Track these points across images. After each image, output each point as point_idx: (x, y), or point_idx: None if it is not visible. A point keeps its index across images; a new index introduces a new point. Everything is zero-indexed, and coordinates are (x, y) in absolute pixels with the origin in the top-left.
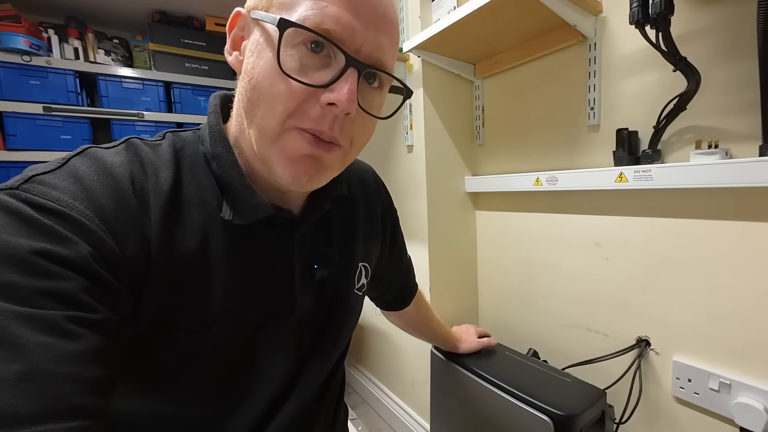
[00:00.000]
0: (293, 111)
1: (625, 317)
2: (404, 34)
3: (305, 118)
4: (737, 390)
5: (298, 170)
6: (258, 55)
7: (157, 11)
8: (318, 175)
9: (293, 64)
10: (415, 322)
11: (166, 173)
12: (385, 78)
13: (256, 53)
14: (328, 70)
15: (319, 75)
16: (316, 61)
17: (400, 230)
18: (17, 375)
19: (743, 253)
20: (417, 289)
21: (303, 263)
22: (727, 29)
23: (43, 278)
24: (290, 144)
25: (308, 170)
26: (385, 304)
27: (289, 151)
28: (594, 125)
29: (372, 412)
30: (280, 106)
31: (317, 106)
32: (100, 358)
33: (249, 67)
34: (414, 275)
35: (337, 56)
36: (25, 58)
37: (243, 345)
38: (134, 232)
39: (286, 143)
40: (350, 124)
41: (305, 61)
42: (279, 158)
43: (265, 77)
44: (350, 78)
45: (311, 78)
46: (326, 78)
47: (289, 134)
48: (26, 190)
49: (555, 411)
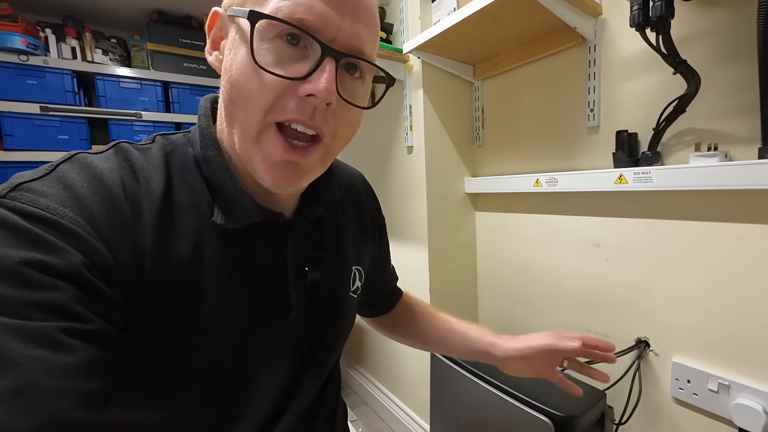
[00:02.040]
0: (272, 105)
1: (625, 318)
2: (404, 35)
3: (283, 111)
4: (736, 391)
5: (278, 175)
6: (235, 52)
7: (155, 11)
8: (298, 180)
9: (269, 57)
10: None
11: (157, 178)
12: (366, 67)
13: (233, 50)
14: (305, 62)
15: (296, 67)
16: (293, 54)
17: (387, 237)
18: (9, 390)
19: (742, 255)
20: (401, 296)
21: (295, 266)
22: (726, 32)
23: (34, 289)
24: (268, 146)
25: (288, 175)
26: (366, 311)
27: (268, 154)
28: (594, 127)
29: (372, 413)
30: (258, 102)
31: (296, 98)
32: (94, 370)
33: (227, 65)
34: (396, 281)
35: (313, 46)
36: (22, 58)
37: (239, 350)
38: (127, 239)
39: (264, 144)
40: (332, 116)
41: (282, 54)
42: (259, 160)
43: (242, 73)
44: (327, 67)
45: (289, 71)
46: (304, 70)
47: (268, 133)
48: (14, 198)
49: (555, 412)
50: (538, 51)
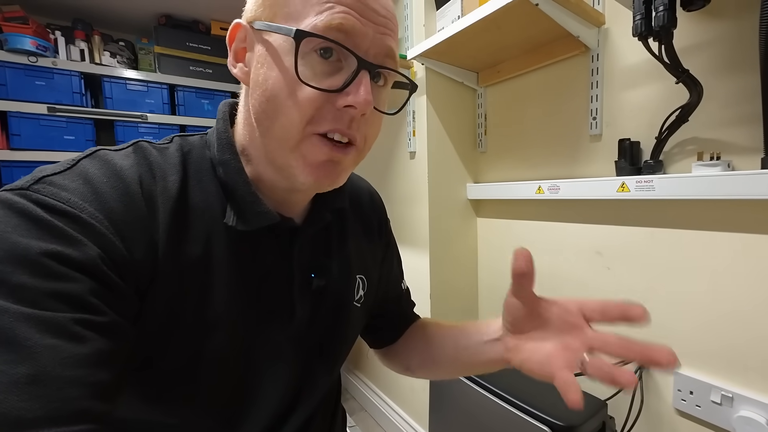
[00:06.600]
0: (311, 118)
1: (626, 327)
2: (409, 41)
3: (323, 122)
4: (739, 403)
5: (320, 175)
6: (269, 67)
7: (163, 15)
8: (338, 177)
9: (306, 72)
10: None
11: (173, 177)
12: (389, 74)
13: (266, 65)
14: (339, 75)
15: (331, 80)
16: (326, 67)
17: (398, 250)
18: (25, 378)
19: (745, 264)
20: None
21: (301, 271)
22: (729, 42)
23: (52, 280)
24: (310, 151)
25: (329, 174)
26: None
27: (310, 157)
28: (596, 135)
29: (370, 419)
30: (298, 115)
31: (333, 110)
32: (106, 362)
33: (260, 79)
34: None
35: (348, 59)
36: (31, 59)
37: (242, 353)
38: (142, 236)
39: (305, 150)
40: (364, 123)
41: (317, 68)
42: (299, 164)
43: (281, 88)
44: (364, 80)
45: (324, 84)
46: (339, 82)
47: (309, 141)
48: (36, 190)
49: (555, 421)
50: (541, 59)
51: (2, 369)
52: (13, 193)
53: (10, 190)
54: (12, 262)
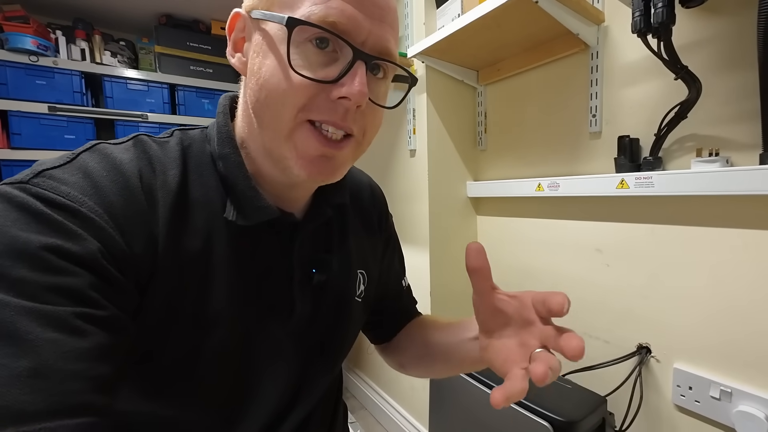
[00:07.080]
0: (303, 105)
1: (626, 324)
2: (409, 39)
3: (316, 110)
4: (738, 398)
5: (313, 171)
6: (264, 55)
7: (163, 14)
8: (334, 172)
9: (300, 61)
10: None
11: (173, 171)
12: (389, 67)
13: (261, 53)
14: (335, 66)
15: (326, 71)
16: (321, 58)
17: (399, 246)
18: (26, 371)
19: (744, 260)
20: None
21: (302, 267)
22: (727, 39)
23: (52, 274)
24: (302, 142)
25: (323, 170)
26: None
27: (302, 150)
28: (595, 132)
29: (370, 417)
30: (290, 102)
31: (327, 100)
32: (106, 356)
33: (255, 67)
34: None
35: (344, 50)
36: (32, 59)
37: (242, 348)
38: (142, 230)
39: (298, 140)
40: (361, 115)
41: (312, 58)
42: (293, 155)
43: (273, 76)
44: (359, 71)
45: (319, 74)
46: (334, 73)
47: (301, 130)
48: (36, 184)
49: (555, 417)
50: (541, 57)
51: (4, 362)
52: (13, 187)
53: (10, 183)
54: (12, 256)
